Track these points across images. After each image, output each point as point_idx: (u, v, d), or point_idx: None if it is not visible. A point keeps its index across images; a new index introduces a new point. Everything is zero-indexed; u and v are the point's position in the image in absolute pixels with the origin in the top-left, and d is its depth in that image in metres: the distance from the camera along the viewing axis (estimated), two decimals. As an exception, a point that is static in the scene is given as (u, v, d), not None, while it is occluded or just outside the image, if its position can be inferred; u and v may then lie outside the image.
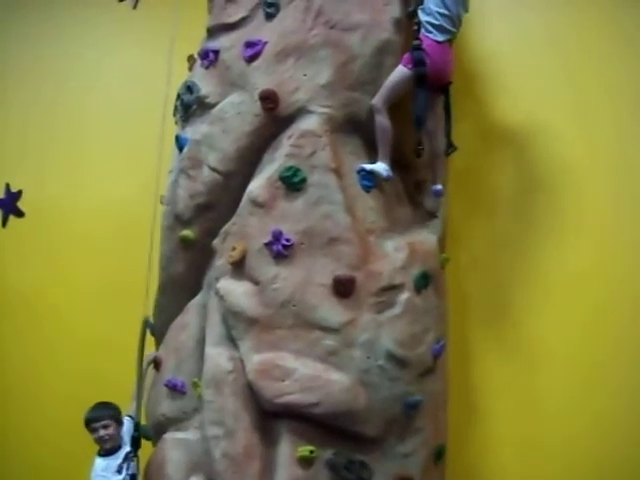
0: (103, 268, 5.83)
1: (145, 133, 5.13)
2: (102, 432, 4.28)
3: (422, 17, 4.19)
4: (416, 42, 4.16)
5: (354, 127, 4.23)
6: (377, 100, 4.15)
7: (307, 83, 4.16)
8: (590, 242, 4.73)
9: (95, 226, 5.91)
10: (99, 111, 6.12)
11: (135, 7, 6.02)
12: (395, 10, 4.28)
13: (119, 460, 4.26)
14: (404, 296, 4.06)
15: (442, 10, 4.16)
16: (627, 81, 4.83)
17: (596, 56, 4.92)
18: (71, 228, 6.05)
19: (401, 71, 4.14)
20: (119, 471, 4.23)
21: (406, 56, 4.16)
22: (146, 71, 5.84)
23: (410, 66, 4.12)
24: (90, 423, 4.32)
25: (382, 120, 4.14)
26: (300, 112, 4.15)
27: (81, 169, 6.10)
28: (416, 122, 4.13)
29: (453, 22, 4.23)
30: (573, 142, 4.84)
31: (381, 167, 4.12)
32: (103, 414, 4.30)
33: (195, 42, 4.72)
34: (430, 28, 4.17)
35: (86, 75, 6.26)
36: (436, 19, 4.16)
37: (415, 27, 4.22)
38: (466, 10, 4.35)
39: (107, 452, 4.29)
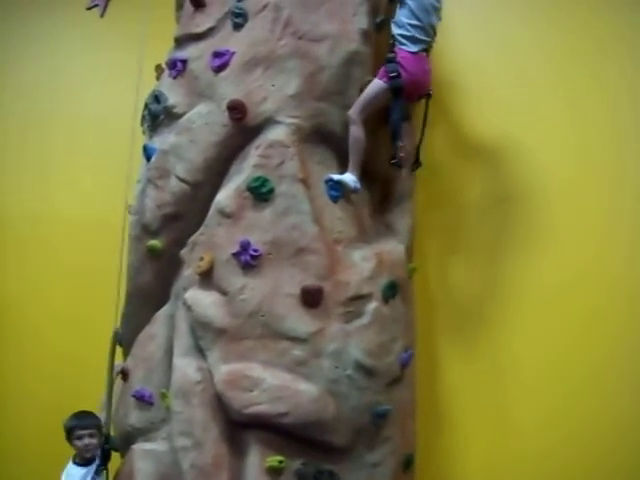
0: (74, 278, 5.80)
1: (114, 143, 5.12)
2: (87, 440, 4.22)
3: (394, 30, 4.25)
4: (390, 55, 4.21)
5: (322, 137, 4.25)
6: (353, 111, 4.19)
7: (275, 93, 4.17)
8: (560, 254, 4.74)
9: (65, 237, 5.88)
10: (67, 120, 6.10)
11: (103, 15, 6.01)
12: (363, 21, 4.31)
13: (92, 472, 4.20)
14: (372, 306, 4.07)
15: (413, 21, 4.20)
16: (612, 88, 4.86)
17: (575, 64, 4.95)
18: (41, 238, 6.02)
19: (377, 84, 4.19)
20: None
21: (382, 69, 4.21)
22: (115, 80, 5.82)
23: (385, 79, 4.15)
24: (76, 430, 4.23)
25: (357, 131, 4.17)
26: (268, 122, 4.16)
27: (50, 179, 6.07)
28: (393, 135, 4.21)
29: (426, 32, 4.26)
30: (546, 152, 4.86)
31: (349, 178, 4.13)
32: (90, 422, 4.25)
33: (164, 51, 4.70)
34: (403, 40, 4.22)
35: (54, 85, 6.24)
36: (408, 31, 4.21)
37: (390, 40, 4.27)
38: (439, 18, 4.35)
39: (84, 461, 4.23)
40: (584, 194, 4.76)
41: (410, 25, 4.21)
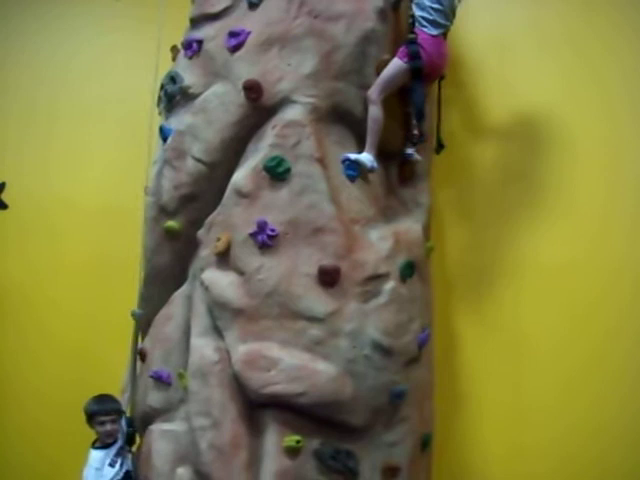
0: (90, 260, 5.76)
1: (132, 124, 5.10)
2: (109, 427, 4.23)
3: (416, 12, 4.25)
4: (411, 36, 4.21)
5: (338, 117, 4.23)
6: (372, 91, 4.18)
7: (291, 73, 4.16)
8: (578, 232, 4.76)
9: (77, 223, 5.83)
10: (84, 103, 6.05)
11: (118, -1, 6.00)
12: (379, 0, 4.23)
13: (112, 454, 4.21)
14: (389, 285, 4.06)
15: (436, 5, 4.21)
16: (617, 72, 4.88)
17: (584, 46, 4.96)
18: (57, 221, 5.95)
19: (397, 64, 4.18)
20: (111, 464, 4.19)
21: (402, 49, 4.20)
22: (132, 62, 5.80)
23: (406, 59, 4.16)
24: (98, 415, 4.23)
25: (376, 111, 4.16)
26: (284, 102, 4.14)
27: (66, 164, 6.02)
28: (417, 114, 4.24)
29: (446, 16, 4.27)
30: (558, 133, 4.87)
31: (366, 158, 4.12)
32: (113, 407, 4.26)
33: (180, 33, 4.68)
34: (424, 22, 4.22)
35: (72, 69, 6.18)
36: (430, 14, 4.21)
37: (410, 21, 4.26)
38: (459, 0, 4.34)
39: (104, 445, 4.24)
40: (594, 171, 4.81)
41: (432, 9, 4.22)
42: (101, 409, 4.22)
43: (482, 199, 4.97)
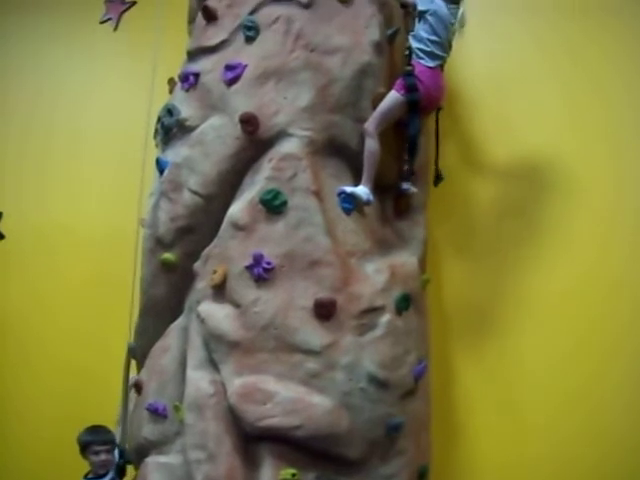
0: (80, 292, 5.77)
1: (127, 156, 5.11)
2: (104, 457, 4.22)
3: (413, 44, 4.28)
4: (408, 68, 4.24)
5: (335, 150, 4.25)
6: (369, 124, 4.19)
7: (287, 106, 4.18)
8: (573, 264, 4.78)
9: (74, 250, 5.84)
10: (80, 134, 6.08)
11: (116, 29, 6.03)
12: (375, 33, 4.31)
13: None
14: (385, 318, 4.06)
15: (433, 37, 4.24)
16: (615, 106, 4.92)
17: (582, 81, 5.01)
18: (53, 252, 5.98)
19: (394, 96, 4.20)
20: None
21: (399, 82, 4.23)
22: (128, 93, 5.83)
23: (403, 92, 4.17)
24: (93, 445, 4.23)
25: (372, 144, 4.18)
26: (280, 135, 4.16)
27: (63, 192, 6.04)
28: (410, 148, 4.25)
29: (443, 47, 4.30)
30: (555, 164, 4.90)
31: (362, 191, 4.14)
32: (107, 438, 4.25)
33: (176, 63, 4.72)
34: (421, 54, 4.25)
35: (68, 98, 6.21)
36: (427, 46, 4.24)
37: (407, 53, 4.30)
38: (462, 25, 4.38)
39: (97, 477, 4.22)
40: (592, 206, 4.82)
41: (429, 40, 4.24)
42: (96, 439, 4.22)
43: (479, 233, 4.98)
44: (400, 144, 4.41)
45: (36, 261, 5.97)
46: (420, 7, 4.28)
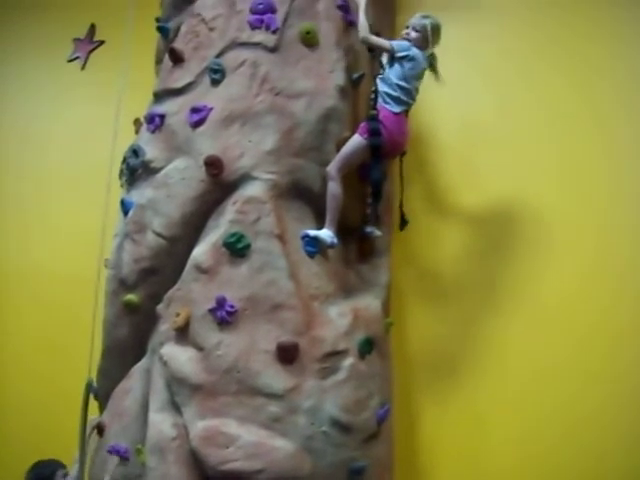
0: (47, 330, 5.74)
1: (91, 195, 5.10)
2: None
3: (380, 87, 4.29)
4: (372, 112, 4.25)
5: (299, 193, 4.26)
6: (331, 167, 4.21)
7: (252, 149, 4.19)
8: (537, 309, 4.80)
9: (39, 289, 5.81)
10: (44, 171, 6.07)
11: (84, 68, 6.04)
12: (340, 77, 4.35)
13: None
14: (348, 362, 4.05)
15: (402, 83, 4.25)
16: (582, 149, 4.96)
17: (548, 124, 5.05)
18: (14, 290, 5.93)
19: (357, 140, 4.21)
20: None
21: (362, 125, 4.24)
22: (94, 133, 5.82)
23: (366, 136, 4.18)
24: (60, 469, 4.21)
25: (335, 187, 4.19)
26: (245, 178, 4.17)
27: (25, 230, 6.01)
28: (373, 192, 4.26)
29: (410, 95, 4.31)
30: (521, 207, 4.94)
31: (326, 234, 4.15)
32: (59, 465, 4.23)
33: (144, 104, 4.71)
34: (388, 99, 4.25)
35: (33, 135, 6.20)
36: (394, 90, 4.25)
37: (372, 96, 4.31)
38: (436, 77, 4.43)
39: None
40: (556, 249, 4.85)
41: (398, 86, 4.25)
42: (58, 466, 4.21)
43: (444, 277, 5.00)
44: (364, 187, 4.43)
45: (3, 303, 5.91)
46: (399, 54, 4.27)
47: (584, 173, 4.90)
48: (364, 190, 4.44)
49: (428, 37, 4.33)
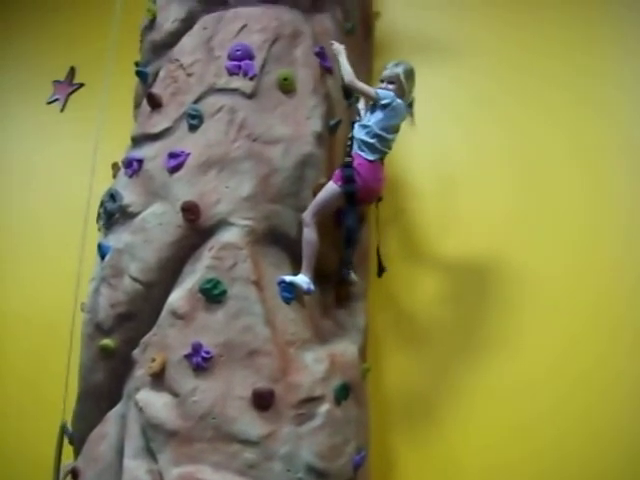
0: (22, 374, 5.70)
1: (68, 238, 5.10)
2: None
3: (357, 134, 4.30)
4: (347, 159, 4.26)
5: (275, 239, 4.28)
6: (307, 214, 4.23)
7: (229, 195, 4.20)
8: (514, 355, 4.78)
9: (13, 332, 5.78)
10: (19, 214, 6.08)
11: (63, 110, 6.06)
12: (317, 124, 4.38)
13: None
14: (324, 408, 4.05)
15: (380, 131, 4.26)
16: (561, 196, 4.95)
17: (526, 169, 5.07)
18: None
19: (331, 187, 4.24)
20: None
21: (337, 173, 4.25)
22: (70, 176, 5.84)
23: (340, 183, 4.20)
24: None
25: (310, 233, 4.21)
26: (221, 224, 4.19)
27: (1, 273, 5.99)
28: (346, 239, 4.27)
29: (387, 144, 4.32)
30: (499, 259, 4.96)
31: (302, 280, 4.16)
32: None
33: (121, 148, 4.74)
34: (363, 147, 4.26)
35: (9, 177, 6.21)
36: (371, 137, 4.25)
37: (348, 143, 4.33)
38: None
39: None
40: (534, 297, 4.83)
41: (375, 134, 4.26)
42: None
43: (420, 322, 5.00)
44: (340, 234, 4.43)
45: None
46: (383, 101, 4.28)
47: (562, 219, 4.91)
48: (341, 236, 4.43)
49: (403, 85, 4.34)
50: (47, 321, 5.68)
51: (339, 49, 4.43)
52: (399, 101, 4.31)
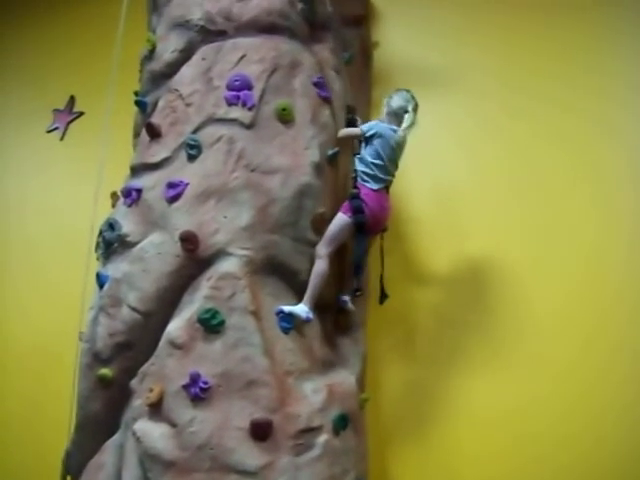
0: (23, 401, 5.69)
1: (67, 267, 5.10)
2: None
3: (358, 167, 4.40)
4: (354, 191, 4.34)
5: (273, 269, 4.28)
6: (320, 247, 4.30)
7: (227, 225, 4.21)
8: (516, 384, 4.80)
9: (13, 362, 5.78)
10: (21, 243, 6.08)
11: (62, 138, 6.08)
12: (315, 154, 4.40)
13: None
14: (322, 438, 4.05)
15: (377, 161, 4.36)
16: (557, 213, 5.01)
17: (524, 190, 5.12)
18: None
19: (341, 218, 4.30)
20: None
21: (345, 204, 4.33)
22: (70, 205, 5.86)
23: (349, 214, 4.26)
24: None
25: (322, 266, 4.28)
26: (220, 254, 4.19)
27: (1, 301, 5.99)
28: (355, 267, 4.33)
29: (387, 171, 4.41)
30: (498, 279, 5.00)
31: (301, 309, 4.18)
32: None
33: (121, 176, 4.76)
34: (366, 177, 4.36)
35: (10, 206, 6.22)
36: (371, 169, 4.35)
37: (353, 176, 4.42)
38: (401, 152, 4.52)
39: None
40: (536, 317, 4.87)
41: (374, 164, 4.36)
42: None
43: (420, 347, 5.03)
44: (341, 263, 4.50)
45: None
46: (368, 134, 4.39)
47: (562, 240, 4.95)
48: (341, 266, 4.49)
49: (390, 107, 4.50)
50: (49, 350, 5.65)
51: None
52: (382, 126, 4.43)
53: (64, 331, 4.77)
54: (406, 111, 4.48)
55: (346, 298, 4.54)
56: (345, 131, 4.59)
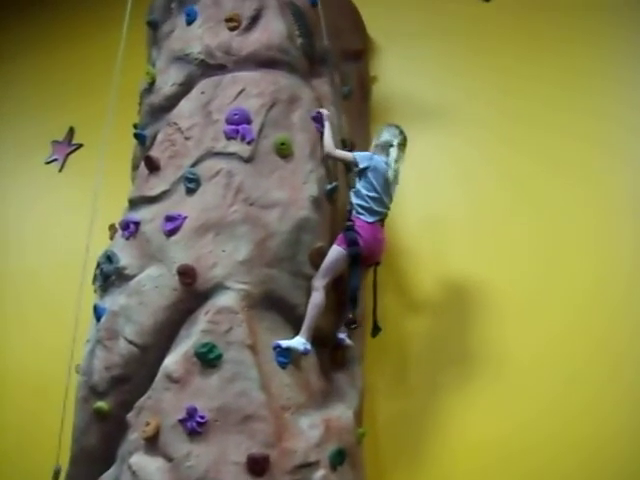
0: (15, 434, 5.66)
1: (65, 295, 5.09)
2: None
3: (353, 200, 4.43)
4: (349, 223, 4.36)
5: (271, 303, 4.29)
6: (316, 280, 4.32)
7: (225, 259, 4.22)
8: (508, 410, 4.80)
9: (6, 395, 5.75)
10: (16, 274, 6.07)
11: (61, 170, 6.09)
12: (313, 188, 4.43)
13: None
14: (319, 473, 4.04)
15: (372, 193, 4.39)
16: (548, 241, 5.02)
17: (516, 220, 5.14)
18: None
19: (337, 250, 4.33)
20: None
21: (340, 237, 4.35)
22: (67, 236, 5.85)
23: (344, 246, 4.28)
24: None
25: (318, 298, 4.29)
26: (217, 288, 4.19)
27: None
28: (351, 299, 4.31)
29: (382, 203, 4.44)
30: (491, 306, 5.03)
31: (298, 342, 4.19)
32: None
33: (118, 209, 4.76)
34: (361, 210, 4.39)
35: (9, 235, 6.23)
36: (366, 202, 4.38)
37: (348, 209, 4.44)
38: (396, 183, 4.56)
39: None
40: (528, 343, 4.89)
41: (368, 197, 4.39)
42: None
43: (416, 378, 5.04)
44: (337, 297, 4.49)
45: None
46: (361, 165, 4.39)
47: (562, 270, 4.96)
48: (338, 299, 4.48)
49: (377, 140, 4.58)
50: (42, 383, 5.63)
51: (323, 116, 4.52)
52: (377, 159, 4.45)
53: (60, 363, 4.69)
54: (391, 145, 4.47)
55: (343, 335, 4.54)
56: (337, 152, 4.59)
